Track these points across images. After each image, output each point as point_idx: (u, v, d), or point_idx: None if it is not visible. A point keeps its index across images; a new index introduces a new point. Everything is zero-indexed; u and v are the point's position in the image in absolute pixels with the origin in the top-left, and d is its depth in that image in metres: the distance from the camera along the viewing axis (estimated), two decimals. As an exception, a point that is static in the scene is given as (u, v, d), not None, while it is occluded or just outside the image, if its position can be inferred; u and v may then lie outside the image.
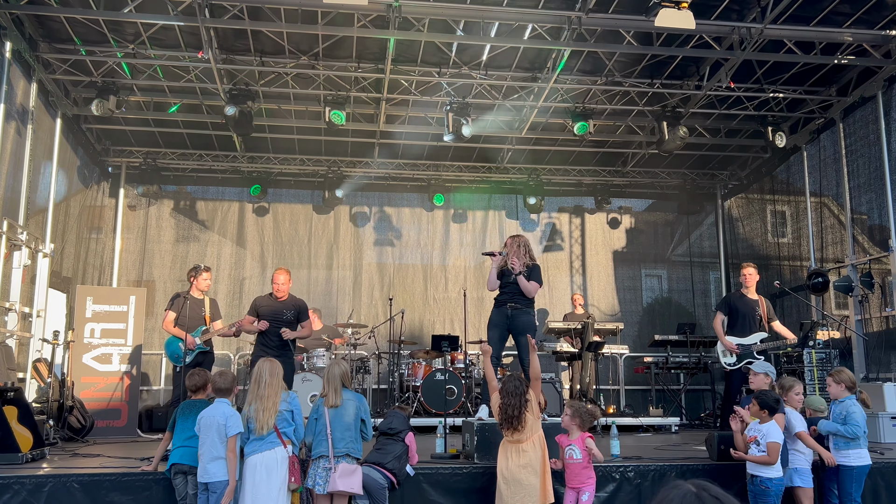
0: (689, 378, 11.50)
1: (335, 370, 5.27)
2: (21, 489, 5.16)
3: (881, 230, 9.69)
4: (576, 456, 5.17)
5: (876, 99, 9.71)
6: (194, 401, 5.34)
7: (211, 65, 9.27)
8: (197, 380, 5.43)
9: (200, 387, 5.41)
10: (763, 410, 5.34)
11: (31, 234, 9.11)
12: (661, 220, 14.21)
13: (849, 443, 5.45)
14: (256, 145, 12.44)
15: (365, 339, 10.71)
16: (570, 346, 10.51)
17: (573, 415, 5.29)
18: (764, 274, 12.47)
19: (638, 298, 13.81)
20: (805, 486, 5.43)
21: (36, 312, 9.31)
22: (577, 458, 5.16)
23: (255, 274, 12.85)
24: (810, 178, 11.39)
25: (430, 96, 10.55)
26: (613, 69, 10.14)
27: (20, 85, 8.98)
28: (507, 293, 7.00)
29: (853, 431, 5.44)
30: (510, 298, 6.95)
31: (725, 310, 8.03)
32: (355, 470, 5.05)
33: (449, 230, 13.59)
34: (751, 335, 7.79)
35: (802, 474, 5.46)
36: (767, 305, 8.04)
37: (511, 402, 4.98)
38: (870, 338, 9.75)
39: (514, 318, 6.89)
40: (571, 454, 5.19)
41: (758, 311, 7.91)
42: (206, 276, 8.16)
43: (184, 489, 5.03)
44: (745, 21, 8.73)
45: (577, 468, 5.17)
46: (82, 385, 8.95)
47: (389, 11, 8.23)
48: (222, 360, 12.15)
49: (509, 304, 6.92)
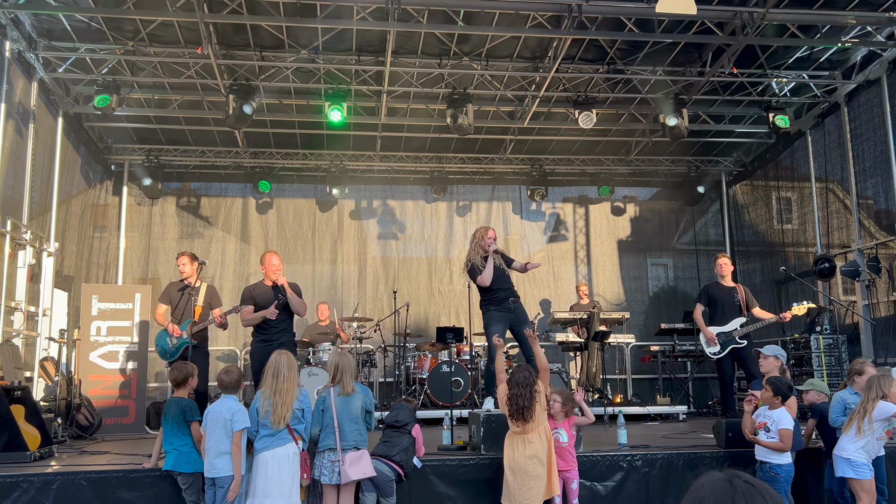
0: (696, 366, 11.48)
1: (347, 359, 5.24)
2: (30, 487, 5.17)
3: (887, 214, 9.63)
4: (562, 439, 5.32)
5: (881, 82, 9.63)
6: (174, 399, 5.25)
7: (211, 60, 9.25)
8: (177, 374, 5.28)
9: (182, 382, 5.28)
10: (776, 397, 5.32)
11: (35, 233, 9.12)
12: (666, 209, 14.16)
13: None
14: (258, 140, 12.42)
15: (370, 333, 10.71)
16: (577, 336, 10.49)
17: (564, 401, 5.42)
18: (770, 260, 12.46)
19: (644, 287, 13.77)
20: (862, 479, 5.17)
21: (42, 311, 9.33)
22: (563, 442, 5.32)
23: (259, 269, 12.80)
24: (815, 163, 11.31)
25: (431, 88, 10.51)
26: (615, 57, 10.08)
27: (20, 84, 8.97)
28: (504, 288, 6.95)
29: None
30: (510, 293, 6.94)
31: (704, 300, 8.11)
32: (362, 455, 5.02)
33: (452, 222, 13.57)
34: (731, 322, 7.81)
35: (857, 466, 5.20)
36: (746, 292, 8.10)
37: (521, 392, 4.98)
38: (877, 323, 9.70)
39: (516, 310, 6.89)
40: (558, 437, 5.30)
41: (736, 298, 7.96)
42: (179, 262, 7.74)
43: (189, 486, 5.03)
44: (748, 6, 8.65)
45: (563, 451, 5.29)
46: (89, 383, 8.95)
47: (389, 3, 8.19)
48: (229, 356, 12.19)
49: (510, 298, 6.91)
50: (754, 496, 1.56)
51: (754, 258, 13.05)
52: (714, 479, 1.62)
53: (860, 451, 5.19)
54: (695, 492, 1.63)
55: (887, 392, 5.25)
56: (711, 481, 1.62)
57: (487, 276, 6.84)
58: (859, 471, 5.16)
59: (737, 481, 1.59)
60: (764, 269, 12.69)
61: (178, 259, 7.79)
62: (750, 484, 1.59)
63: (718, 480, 1.61)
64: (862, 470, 5.16)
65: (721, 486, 1.60)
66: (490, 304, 6.94)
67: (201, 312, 7.62)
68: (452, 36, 9.51)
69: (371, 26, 8.78)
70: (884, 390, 5.26)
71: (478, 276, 6.87)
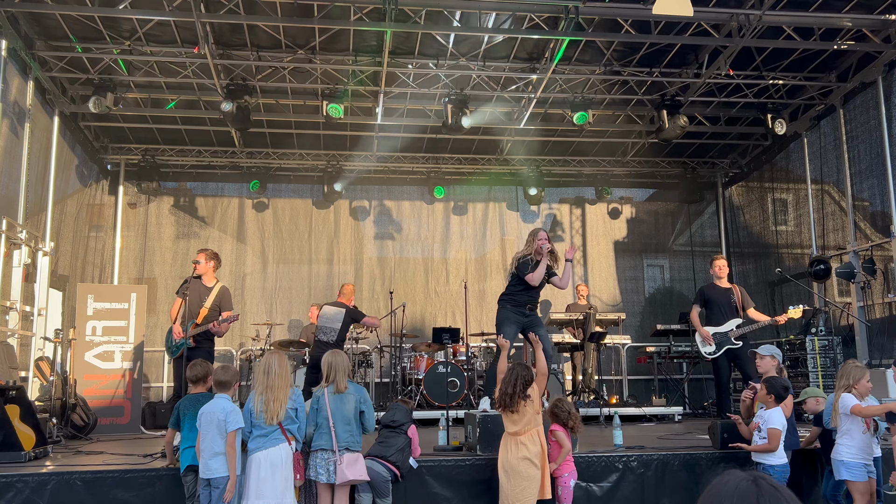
0: (692, 367, 11.50)
1: (341, 358, 5.26)
2: (24, 487, 5.16)
3: (883, 216, 9.66)
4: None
5: (876, 84, 9.66)
6: (196, 395, 5.27)
7: (207, 60, 9.24)
8: (198, 370, 5.32)
9: (201, 378, 5.30)
10: (770, 395, 5.32)
11: (30, 232, 9.10)
12: (662, 210, 14.18)
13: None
14: (255, 140, 12.41)
15: (367, 333, 10.70)
16: (573, 336, 10.49)
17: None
18: (765, 262, 12.49)
19: (640, 288, 13.79)
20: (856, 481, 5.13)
21: (37, 311, 9.31)
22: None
23: (256, 270, 12.85)
24: (811, 165, 11.34)
25: (428, 88, 10.51)
26: (612, 58, 10.10)
27: (16, 83, 8.95)
28: (531, 296, 6.98)
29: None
30: (532, 301, 6.99)
31: (701, 302, 8.12)
32: (358, 458, 5.06)
33: (449, 223, 13.57)
34: (727, 322, 7.83)
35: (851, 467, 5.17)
36: (742, 293, 8.12)
37: (509, 379, 5.04)
38: (872, 324, 9.73)
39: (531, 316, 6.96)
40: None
41: (732, 299, 7.98)
42: (198, 256, 7.78)
43: (193, 487, 5.00)
44: (744, 8, 8.67)
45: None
46: (85, 383, 8.95)
47: (386, 3, 8.18)
48: (225, 357, 12.17)
49: (529, 305, 6.94)
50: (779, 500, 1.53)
51: (750, 259, 13.08)
52: (738, 479, 1.59)
53: (855, 451, 5.17)
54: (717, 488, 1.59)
55: (854, 382, 5.24)
56: (735, 480, 1.59)
57: (537, 277, 6.88)
58: (854, 472, 5.15)
59: (762, 483, 1.56)
60: (758, 271, 12.72)
61: (198, 255, 7.81)
62: (775, 488, 1.56)
63: (743, 480, 1.58)
64: (857, 472, 5.15)
65: (746, 486, 1.56)
66: (509, 302, 6.99)
67: (207, 314, 7.56)
68: (449, 37, 9.51)
69: (368, 27, 8.78)
70: (850, 381, 5.25)
71: (527, 273, 6.88)
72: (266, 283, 12.85)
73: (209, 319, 7.52)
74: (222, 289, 7.77)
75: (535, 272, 6.85)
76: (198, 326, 7.46)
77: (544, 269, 6.90)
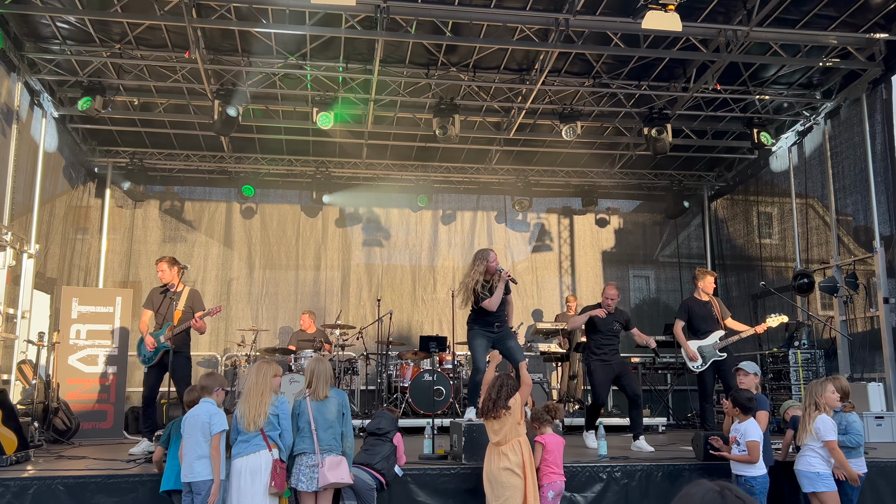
0: (676, 378, 11.57)
1: (324, 366, 5.27)
2: (5, 492, 5.12)
3: (866, 231, 9.78)
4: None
5: (860, 101, 9.79)
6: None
7: (198, 65, 9.24)
8: (194, 395, 5.19)
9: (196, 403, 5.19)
10: (735, 409, 5.41)
11: (15, 234, 9.04)
12: (649, 221, 14.28)
13: (850, 452, 5.41)
14: (244, 146, 12.40)
15: (353, 341, 10.70)
16: (559, 346, 10.53)
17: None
18: (749, 274, 12.59)
19: (626, 299, 13.85)
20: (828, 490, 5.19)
21: (21, 314, 9.23)
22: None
23: (242, 275, 12.81)
24: (796, 179, 11.47)
25: (418, 97, 10.55)
26: (601, 71, 10.19)
27: (5, 84, 8.91)
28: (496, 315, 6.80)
29: (856, 441, 5.46)
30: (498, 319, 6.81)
31: (684, 316, 8.13)
32: (341, 461, 5.03)
33: (437, 231, 13.60)
34: (710, 335, 7.90)
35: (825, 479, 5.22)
36: (720, 304, 8.19)
37: (493, 386, 5.07)
38: (854, 338, 9.84)
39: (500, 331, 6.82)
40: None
41: (713, 311, 8.04)
42: (158, 267, 7.66)
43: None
44: (732, 23, 8.79)
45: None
46: (68, 387, 8.88)
47: (377, 12, 8.23)
48: (210, 362, 12.11)
49: (496, 324, 6.80)
50: None
51: (733, 272, 13.19)
52: (705, 489, 1.59)
53: (826, 463, 5.22)
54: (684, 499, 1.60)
55: (819, 398, 5.29)
56: (702, 491, 1.59)
57: (495, 302, 6.69)
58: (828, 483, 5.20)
59: (728, 493, 1.57)
60: (740, 283, 12.82)
61: (158, 265, 7.69)
62: (740, 498, 1.57)
63: (710, 491, 1.59)
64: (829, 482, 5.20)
65: (711, 497, 1.57)
66: (476, 323, 6.86)
67: (181, 317, 7.49)
68: (440, 46, 9.56)
69: (359, 35, 8.81)
70: (816, 398, 5.29)
71: (483, 301, 6.71)
72: (252, 289, 12.81)
73: (184, 321, 7.47)
74: (192, 291, 7.76)
75: (493, 297, 6.68)
76: (175, 327, 7.36)
77: (502, 291, 6.73)
